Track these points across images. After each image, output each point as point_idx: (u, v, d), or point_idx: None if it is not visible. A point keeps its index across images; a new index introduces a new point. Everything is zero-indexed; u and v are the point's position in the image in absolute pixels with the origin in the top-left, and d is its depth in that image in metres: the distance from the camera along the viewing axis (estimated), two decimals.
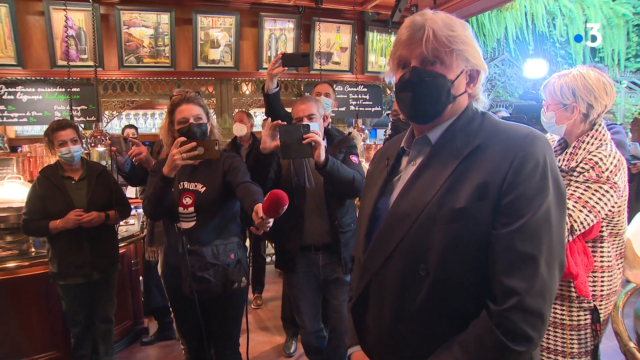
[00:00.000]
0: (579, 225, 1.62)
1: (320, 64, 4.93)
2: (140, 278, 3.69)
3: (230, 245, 2.10)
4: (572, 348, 1.74)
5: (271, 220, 1.61)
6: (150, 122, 7.03)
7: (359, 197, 2.60)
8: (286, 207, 1.49)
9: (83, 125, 4.47)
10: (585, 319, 1.72)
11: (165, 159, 1.98)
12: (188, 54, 4.71)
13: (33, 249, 3.07)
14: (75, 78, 4.18)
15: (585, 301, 1.71)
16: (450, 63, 1.03)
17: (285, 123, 2.15)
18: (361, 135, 4.13)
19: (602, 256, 1.74)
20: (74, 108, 4.11)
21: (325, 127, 2.41)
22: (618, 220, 1.73)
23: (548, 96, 1.80)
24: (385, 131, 5.10)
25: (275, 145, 2.11)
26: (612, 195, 1.63)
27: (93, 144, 3.64)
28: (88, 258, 2.60)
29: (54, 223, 2.51)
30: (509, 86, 10.13)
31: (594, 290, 1.72)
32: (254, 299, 4.23)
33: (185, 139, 1.94)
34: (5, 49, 4.10)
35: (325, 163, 2.07)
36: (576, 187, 1.66)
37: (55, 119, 4.21)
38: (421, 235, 0.99)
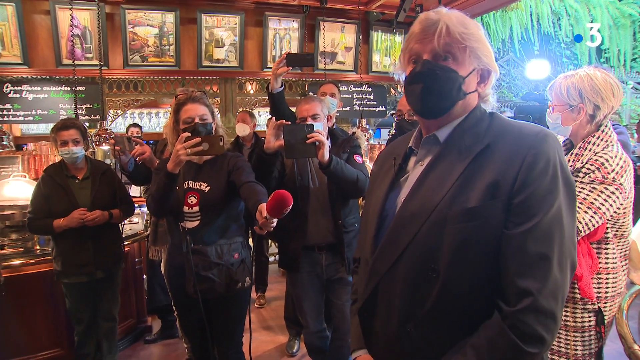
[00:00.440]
0: (584, 227, 1.61)
1: (324, 64, 4.92)
2: (144, 276, 3.70)
3: (234, 244, 2.10)
4: (576, 350, 1.73)
5: (275, 220, 1.61)
6: (155, 121, 7.05)
7: (363, 197, 2.60)
8: (290, 208, 1.49)
9: (88, 124, 4.49)
10: (590, 321, 1.71)
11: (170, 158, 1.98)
12: (193, 53, 4.72)
13: (38, 247, 3.08)
14: (80, 77, 4.19)
15: (590, 303, 1.70)
16: (462, 60, 1.02)
17: (290, 123, 2.15)
18: (365, 135, 4.13)
19: (607, 258, 1.73)
20: (79, 107, 4.12)
21: (329, 127, 2.41)
22: (623, 222, 1.72)
23: (554, 97, 1.78)
24: (389, 131, 5.09)
25: (279, 144, 2.11)
26: (618, 197, 1.63)
27: (98, 143, 3.65)
28: (92, 257, 2.61)
29: (57, 222, 2.52)
30: (513, 86, 10.10)
31: (598, 292, 1.71)
32: (257, 298, 4.24)
33: (189, 135, 1.95)
34: (12, 48, 4.12)
35: (329, 163, 2.07)
36: (582, 188, 1.66)
37: (61, 117, 4.26)
38: (431, 236, 0.97)
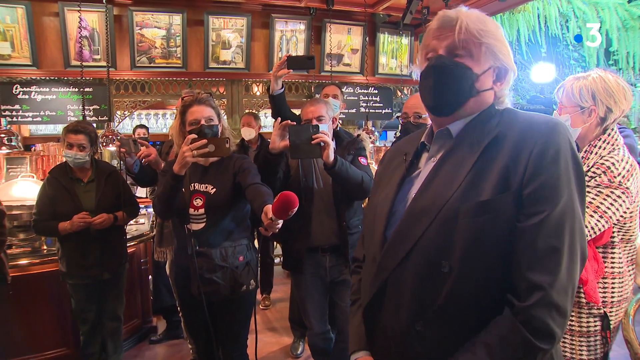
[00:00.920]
0: (589, 231, 1.60)
1: (331, 66, 4.93)
2: (150, 277, 3.72)
3: (239, 247, 2.09)
4: (582, 355, 1.71)
5: (280, 222, 1.60)
6: (162, 122, 7.08)
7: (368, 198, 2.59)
8: (296, 209, 1.48)
9: (95, 125, 4.52)
10: (595, 326, 1.70)
11: (175, 160, 1.99)
12: (199, 54, 4.74)
13: (45, 247, 3.11)
14: (88, 78, 4.23)
15: (595, 307, 1.69)
16: (478, 56, 1.02)
17: (295, 123, 2.16)
18: (371, 138, 4.13)
19: (613, 262, 1.72)
20: (86, 108, 4.16)
21: (334, 129, 2.42)
22: (630, 226, 1.70)
23: (565, 98, 1.76)
24: (395, 133, 5.09)
25: (285, 145, 2.12)
26: (624, 201, 1.61)
27: (105, 144, 3.67)
28: (97, 259, 2.62)
29: (63, 225, 2.53)
30: (520, 89, 10.04)
31: (604, 297, 1.70)
32: (262, 300, 4.24)
33: (195, 136, 1.94)
34: (21, 49, 4.16)
35: (334, 163, 2.08)
36: (587, 192, 1.64)
37: (69, 118, 4.30)
38: (443, 231, 0.95)
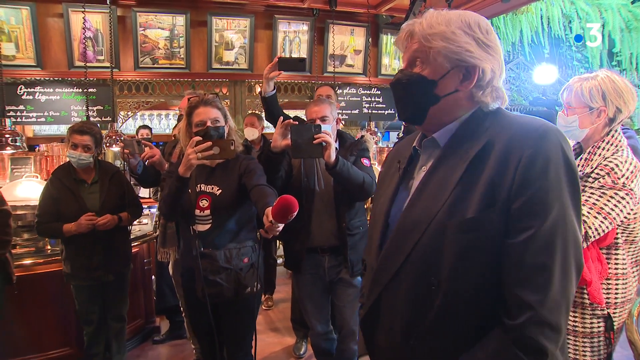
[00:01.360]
0: (593, 232, 1.60)
1: (334, 67, 4.94)
2: (153, 277, 3.72)
3: (244, 249, 2.08)
4: (585, 356, 1.71)
5: (281, 225, 1.59)
6: (164, 123, 7.10)
7: (371, 200, 2.58)
8: (295, 214, 1.48)
9: (99, 125, 4.54)
10: (599, 327, 1.70)
11: (180, 161, 1.99)
12: (203, 55, 4.75)
13: (49, 247, 3.12)
14: (91, 79, 4.24)
15: (599, 308, 1.69)
16: (432, 62, 0.98)
17: (297, 122, 2.16)
18: (374, 139, 4.13)
19: (617, 263, 1.72)
20: (90, 108, 4.17)
21: (337, 130, 2.42)
22: (634, 228, 1.70)
23: (574, 99, 1.74)
24: (397, 134, 5.08)
25: (286, 144, 2.12)
26: (628, 202, 1.61)
27: (108, 144, 3.69)
28: (102, 261, 2.62)
29: (67, 227, 2.52)
30: (523, 90, 10.03)
31: (607, 298, 1.70)
32: (265, 300, 4.24)
33: (200, 139, 1.94)
34: (26, 50, 4.18)
35: (335, 164, 2.07)
36: (591, 193, 1.64)
37: (73, 119, 4.32)
38: (431, 246, 0.94)
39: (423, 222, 0.95)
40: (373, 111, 5.30)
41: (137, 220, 2.99)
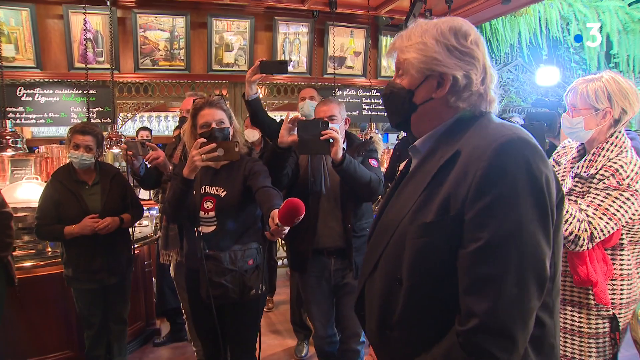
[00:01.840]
0: (598, 233, 1.60)
1: (333, 68, 4.94)
2: (153, 279, 3.71)
3: (249, 251, 2.07)
4: (590, 356, 1.72)
5: (287, 228, 1.60)
6: (164, 125, 7.09)
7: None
8: (302, 217, 1.48)
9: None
10: (604, 327, 1.70)
11: (183, 163, 1.98)
12: (203, 57, 4.75)
13: (49, 249, 3.10)
14: (91, 80, 4.23)
15: (604, 309, 1.69)
16: (407, 73, 1.05)
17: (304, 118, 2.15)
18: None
19: (622, 264, 1.72)
20: (90, 110, 4.16)
21: (346, 131, 2.41)
22: (639, 228, 1.71)
23: (579, 100, 1.73)
24: (397, 135, 5.10)
25: (293, 139, 2.09)
26: (633, 203, 1.61)
27: (108, 146, 3.68)
28: (104, 263, 2.60)
29: (69, 228, 2.50)
30: (522, 92, 10.04)
31: (613, 299, 1.70)
32: (266, 302, 4.23)
33: (205, 140, 1.94)
34: (25, 52, 4.17)
35: (342, 161, 2.06)
36: (596, 195, 1.65)
37: (72, 121, 4.30)
38: (397, 247, 1.01)
39: (393, 225, 1.03)
40: (373, 113, 5.30)
41: (137, 222, 2.98)
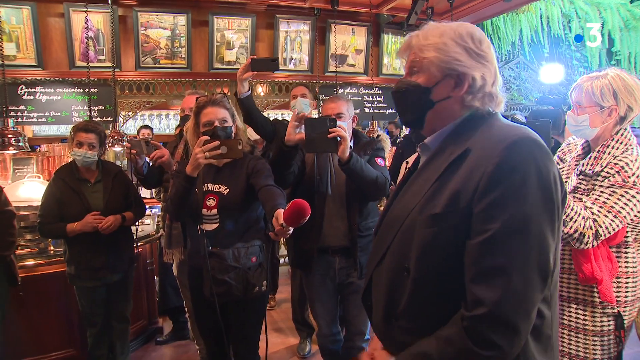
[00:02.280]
0: (603, 231, 1.60)
1: (335, 66, 4.93)
2: (156, 278, 3.71)
3: (252, 248, 2.07)
4: (595, 354, 1.71)
5: (291, 229, 1.60)
6: (165, 123, 7.09)
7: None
8: (307, 218, 1.48)
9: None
10: (609, 325, 1.70)
11: (186, 161, 1.98)
12: (204, 55, 4.74)
13: (52, 248, 3.10)
14: (93, 79, 4.23)
15: (609, 307, 1.69)
16: (425, 71, 1.06)
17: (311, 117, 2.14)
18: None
19: (627, 262, 1.71)
20: (91, 108, 4.16)
21: (353, 129, 2.39)
22: None
23: (584, 98, 1.72)
24: (400, 133, 5.08)
25: (300, 137, 2.08)
26: (639, 201, 1.61)
27: (110, 144, 3.67)
28: (106, 261, 2.61)
29: (71, 226, 2.51)
30: (523, 89, 10.02)
31: (617, 296, 1.70)
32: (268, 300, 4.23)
33: (208, 138, 1.94)
34: (27, 50, 4.15)
35: (349, 159, 2.04)
36: (601, 192, 1.64)
37: (74, 119, 4.30)
38: (405, 238, 1.04)
39: (402, 216, 1.06)
40: (375, 111, 5.29)
41: (140, 220, 2.98)
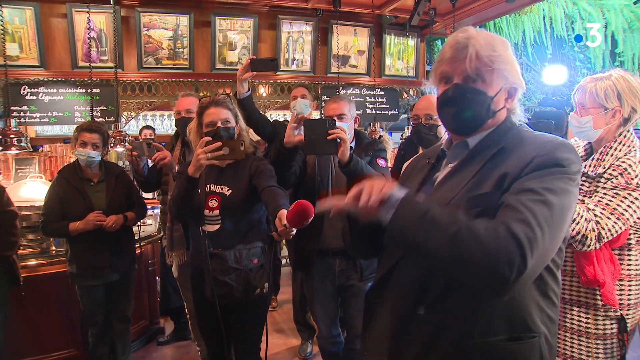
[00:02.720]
0: (606, 233, 1.59)
1: (337, 67, 4.93)
2: (157, 278, 3.71)
3: (253, 249, 2.06)
4: (598, 358, 1.70)
5: (294, 230, 1.59)
6: (167, 123, 7.08)
7: None
8: (311, 219, 1.46)
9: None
10: (612, 328, 1.69)
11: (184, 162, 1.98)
12: (206, 56, 4.74)
13: (54, 248, 3.11)
14: (95, 79, 4.23)
15: (612, 310, 1.68)
16: (490, 81, 1.10)
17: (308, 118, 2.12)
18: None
19: (630, 264, 1.70)
20: (93, 108, 4.16)
21: (355, 129, 2.38)
22: None
23: (588, 99, 1.71)
24: (401, 134, 5.07)
25: (299, 139, 2.06)
26: None
27: (112, 145, 3.67)
28: (108, 260, 2.62)
29: (74, 225, 2.53)
30: (526, 91, 10.00)
31: (620, 299, 1.68)
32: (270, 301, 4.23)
33: (210, 139, 1.93)
34: (29, 51, 4.16)
35: (349, 161, 2.02)
36: (604, 194, 1.63)
37: (76, 119, 4.30)
38: None
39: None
40: (377, 112, 5.28)
41: (142, 220, 2.99)
